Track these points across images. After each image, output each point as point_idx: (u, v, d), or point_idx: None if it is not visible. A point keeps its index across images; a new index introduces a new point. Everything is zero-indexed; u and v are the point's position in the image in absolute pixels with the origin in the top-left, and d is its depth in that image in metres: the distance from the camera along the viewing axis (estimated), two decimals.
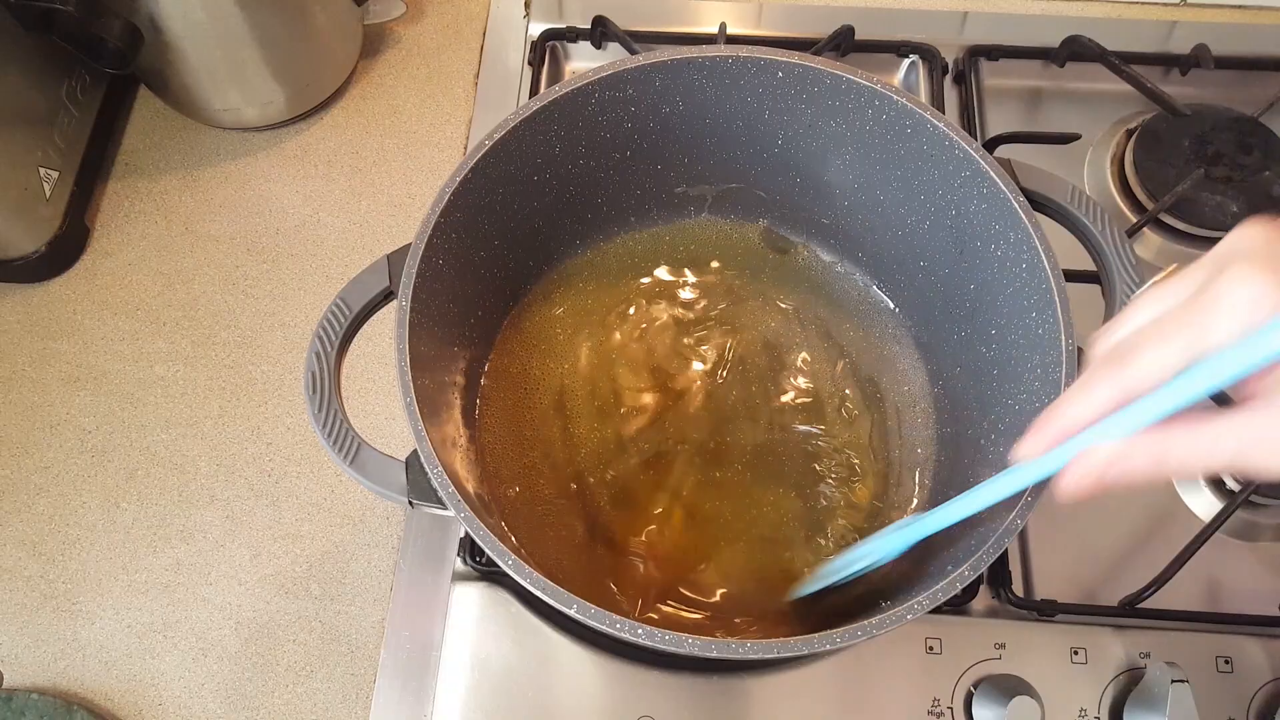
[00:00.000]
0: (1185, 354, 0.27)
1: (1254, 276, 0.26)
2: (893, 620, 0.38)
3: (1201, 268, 0.28)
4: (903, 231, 0.54)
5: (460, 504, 0.40)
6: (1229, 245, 0.28)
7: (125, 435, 0.61)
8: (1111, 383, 0.29)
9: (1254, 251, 0.27)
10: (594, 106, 0.50)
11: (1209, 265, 0.28)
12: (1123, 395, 0.29)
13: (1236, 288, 0.26)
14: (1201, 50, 0.69)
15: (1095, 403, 0.29)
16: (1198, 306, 0.27)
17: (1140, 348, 0.28)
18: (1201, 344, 0.27)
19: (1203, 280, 0.28)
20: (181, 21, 0.59)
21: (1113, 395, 0.29)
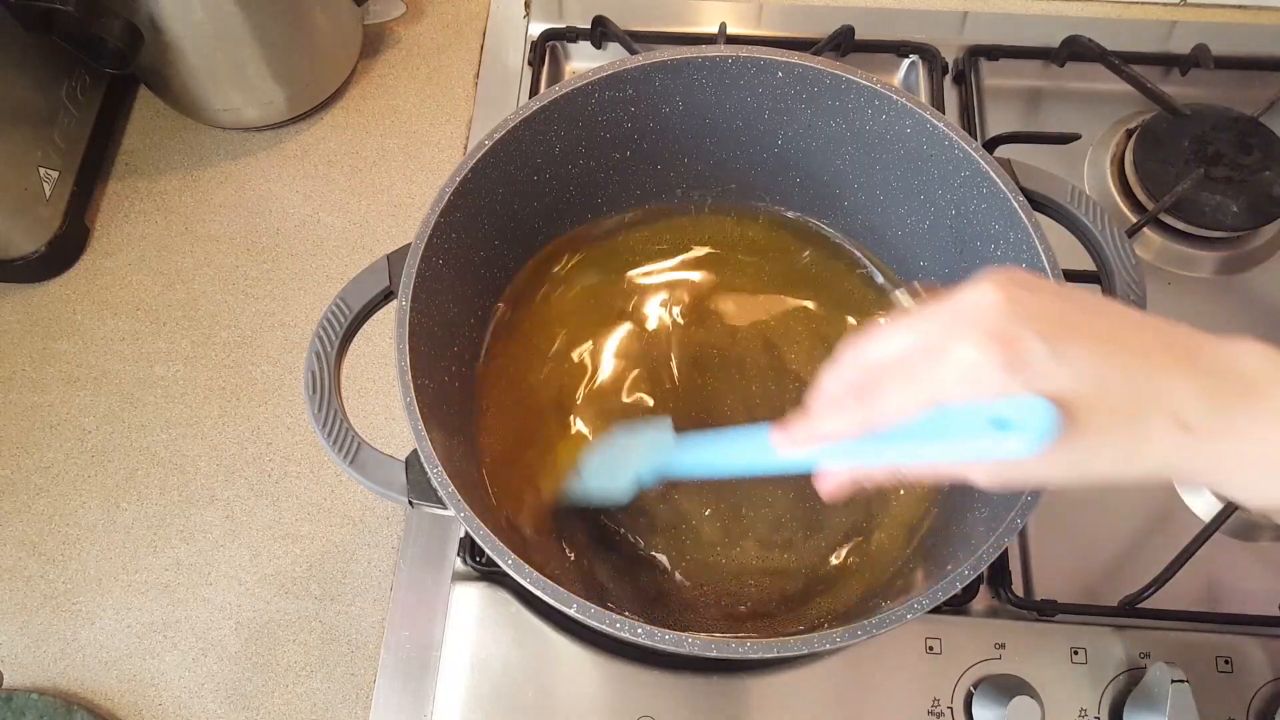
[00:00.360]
0: (919, 399, 0.32)
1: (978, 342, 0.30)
2: (893, 620, 0.38)
3: (937, 318, 0.32)
4: (903, 231, 0.54)
5: (460, 504, 0.40)
6: (962, 302, 0.31)
7: (125, 435, 0.61)
8: (857, 412, 0.34)
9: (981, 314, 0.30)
10: (594, 106, 0.50)
11: (944, 318, 0.31)
12: (866, 425, 0.33)
13: (963, 349, 0.30)
14: (1201, 50, 0.69)
15: (844, 426, 0.34)
16: (930, 359, 0.31)
17: (882, 389, 0.33)
18: (930, 398, 0.31)
19: (939, 329, 0.31)
20: (181, 21, 0.59)
21: (858, 423, 0.34)
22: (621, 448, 0.48)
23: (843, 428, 0.34)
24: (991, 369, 0.30)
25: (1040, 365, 0.29)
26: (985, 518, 0.45)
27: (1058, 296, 0.31)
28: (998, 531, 0.40)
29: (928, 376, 0.31)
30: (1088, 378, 0.30)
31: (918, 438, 0.33)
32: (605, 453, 0.49)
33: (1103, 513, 0.58)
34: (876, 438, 0.33)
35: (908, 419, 0.32)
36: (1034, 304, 0.30)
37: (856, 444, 0.34)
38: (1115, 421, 0.30)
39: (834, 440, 0.35)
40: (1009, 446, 0.30)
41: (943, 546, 0.48)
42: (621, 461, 0.47)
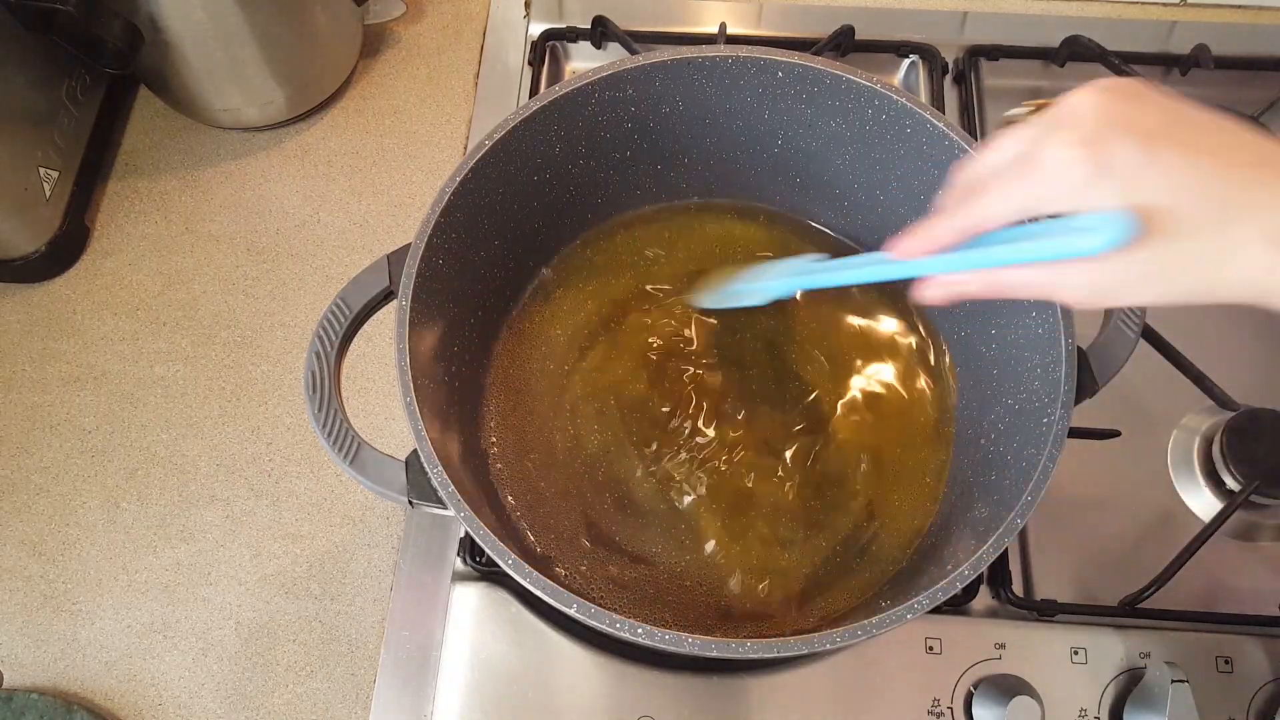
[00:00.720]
0: (1014, 203, 0.33)
1: (1069, 146, 0.31)
2: (893, 620, 0.38)
3: (1041, 123, 0.32)
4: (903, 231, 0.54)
5: (460, 504, 0.40)
6: (1066, 107, 0.32)
7: (125, 435, 0.61)
8: (960, 218, 0.35)
9: (1078, 120, 0.31)
10: (594, 106, 0.50)
11: (1045, 124, 0.32)
12: (968, 229, 0.35)
13: (1055, 153, 0.31)
14: (1201, 50, 0.69)
15: (953, 229, 0.36)
16: (1025, 165, 0.32)
17: (983, 194, 0.34)
18: (1028, 198, 0.32)
19: (1038, 135, 0.32)
20: (181, 21, 0.59)
21: (964, 226, 0.35)
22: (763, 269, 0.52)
23: (948, 233, 0.36)
24: (1080, 172, 0.30)
25: (1128, 167, 0.30)
26: (985, 518, 0.45)
27: (1158, 105, 0.31)
28: (998, 531, 0.40)
29: (1023, 180, 0.32)
30: (1177, 183, 0.29)
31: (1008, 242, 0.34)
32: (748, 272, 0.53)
33: (1103, 513, 0.58)
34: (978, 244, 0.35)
35: (1005, 221, 0.33)
36: (1131, 110, 0.31)
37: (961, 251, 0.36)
38: (1203, 230, 0.30)
39: (942, 244, 0.36)
40: (1085, 243, 0.31)
41: (943, 546, 0.48)
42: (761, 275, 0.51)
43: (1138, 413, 0.59)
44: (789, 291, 0.51)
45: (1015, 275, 0.35)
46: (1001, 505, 0.43)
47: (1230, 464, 0.56)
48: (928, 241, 0.37)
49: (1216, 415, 0.59)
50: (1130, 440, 0.57)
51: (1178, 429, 0.60)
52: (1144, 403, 0.60)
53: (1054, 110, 0.32)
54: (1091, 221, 0.31)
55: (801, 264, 0.50)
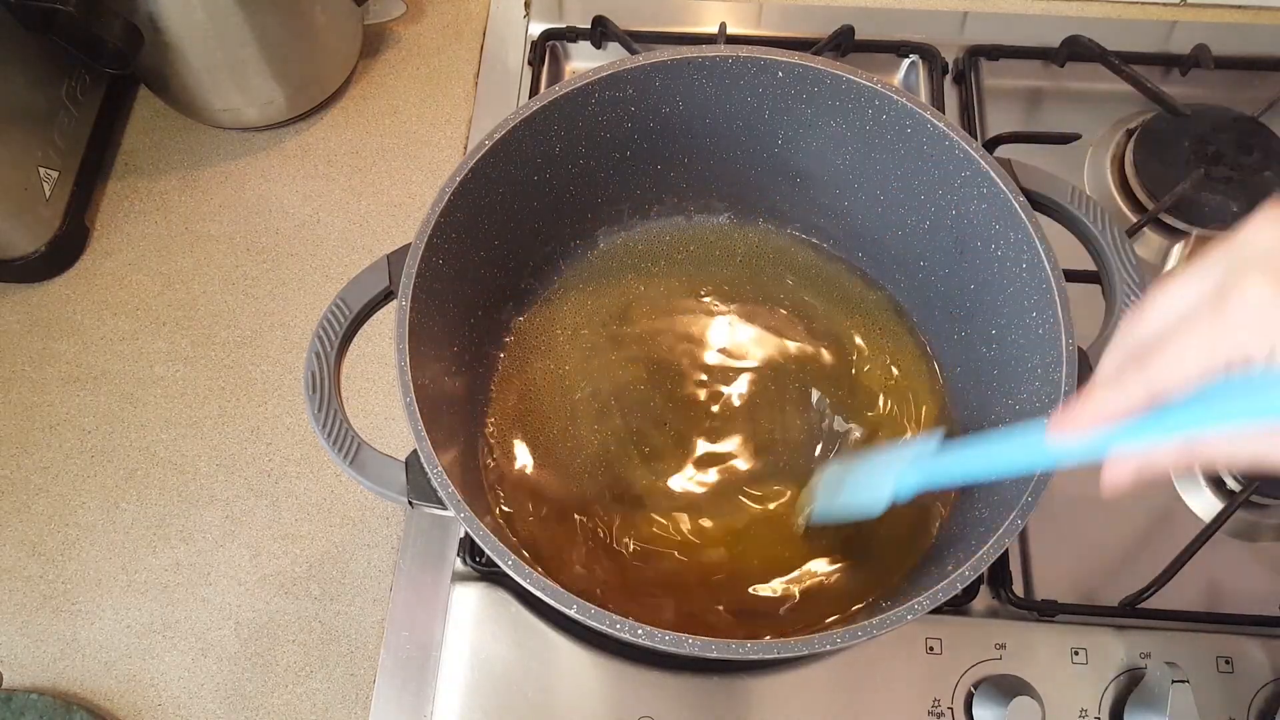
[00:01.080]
0: (1208, 361, 0.28)
1: (1267, 285, 0.26)
2: (893, 620, 0.38)
3: (1217, 264, 0.28)
4: (903, 231, 0.54)
5: (460, 504, 0.40)
6: (1243, 243, 0.28)
7: (125, 435, 0.61)
8: (1140, 382, 0.29)
9: (1268, 254, 0.27)
10: (594, 106, 0.50)
11: (1224, 264, 0.28)
12: (1150, 395, 0.29)
13: (1251, 294, 0.27)
14: (1201, 50, 0.69)
15: (1126, 400, 0.30)
16: (1213, 311, 0.27)
17: (1164, 350, 0.28)
18: (1223, 353, 0.27)
19: (1219, 281, 0.28)
20: (181, 21, 0.59)
21: (1142, 394, 0.29)
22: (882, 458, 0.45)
23: (1127, 403, 0.30)
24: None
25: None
26: (985, 518, 0.44)
27: None
28: (998, 532, 0.40)
29: (1216, 329, 0.27)
30: None
31: (1212, 407, 0.29)
32: (864, 464, 0.47)
33: (1103, 513, 0.58)
34: (1165, 413, 0.29)
35: (1199, 381, 0.28)
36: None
37: (1143, 423, 0.30)
38: None
39: (1118, 419, 0.30)
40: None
41: (943, 546, 0.48)
42: (881, 471, 0.44)
43: None
44: (911, 493, 0.43)
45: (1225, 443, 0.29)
46: (1001, 505, 0.43)
47: None
48: (1096, 416, 0.31)
49: None
50: None
51: None
52: None
53: (1232, 244, 0.28)
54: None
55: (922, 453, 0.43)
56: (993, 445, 0.39)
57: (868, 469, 0.46)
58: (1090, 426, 0.31)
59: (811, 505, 0.49)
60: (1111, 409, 0.30)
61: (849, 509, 0.46)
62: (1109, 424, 0.31)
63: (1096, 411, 0.31)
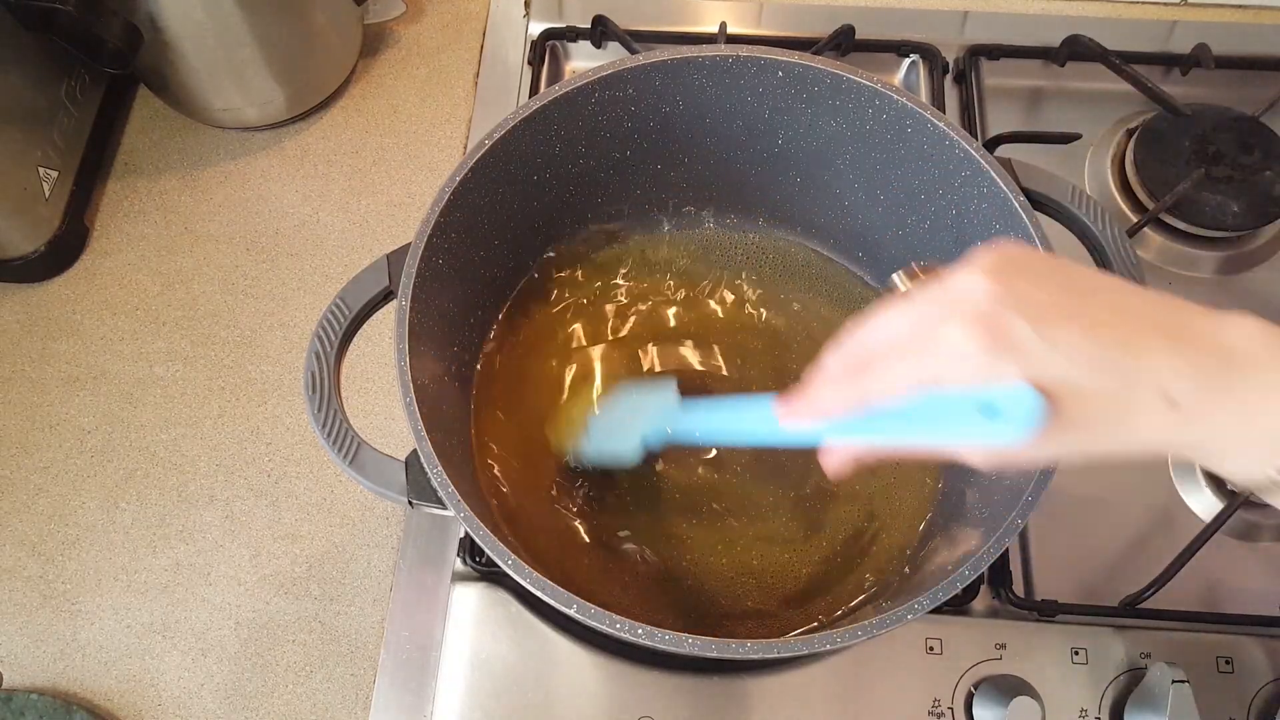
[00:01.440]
0: (910, 383, 0.33)
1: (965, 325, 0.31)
2: (893, 620, 0.38)
3: (930, 303, 0.32)
4: (903, 231, 0.54)
5: (460, 504, 0.40)
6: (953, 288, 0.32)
7: (125, 435, 0.61)
8: (855, 388, 0.35)
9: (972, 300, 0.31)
10: (594, 106, 0.50)
11: (936, 304, 0.32)
12: (861, 401, 0.35)
13: (951, 332, 0.31)
14: (1202, 50, 0.69)
15: (842, 402, 0.35)
16: (921, 342, 0.32)
17: (877, 367, 0.34)
18: (921, 379, 0.32)
19: (930, 313, 0.32)
20: (181, 21, 0.59)
21: (854, 399, 0.35)
22: (628, 409, 0.49)
23: (839, 404, 0.35)
24: (978, 352, 0.30)
25: (1026, 348, 0.30)
26: (985, 518, 0.44)
27: (1046, 277, 0.32)
28: (998, 532, 0.40)
29: (918, 358, 0.32)
30: (1075, 361, 0.30)
31: (912, 418, 0.34)
32: (611, 413, 0.50)
33: (1103, 513, 0.58)
34: (872, 416, 0.35)
35: (900, 398, 0.33)
36: (1022, 287, 0.31)
37: (854, 422, 0.35)
38: (1104, 403, 0.30)
39: (831, 416, 0.36)
40: (997, 433, 0.31)
41: (943, 547, 0.48)
42: (628, 422, 0.48)
43: None
44: (658, 444, 0.47)
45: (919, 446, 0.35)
46: (1001, 505, 0.43)
47: None
48: (815, 410, 0.36)
49: None
50: None
51: None
52: None
53: (944, 288, 0.32)
54: (999, 400, 0.31)
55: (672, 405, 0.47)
56: (731, 411, 0.44)
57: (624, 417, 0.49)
58: (809, 416, 0.37)
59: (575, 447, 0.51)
60: (828, 407, 0.36)
61: (606, 454, 0.49)
62: (825, 417, 0.36)
63: (816, 405, 0.36)
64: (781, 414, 0.38)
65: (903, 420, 0.34)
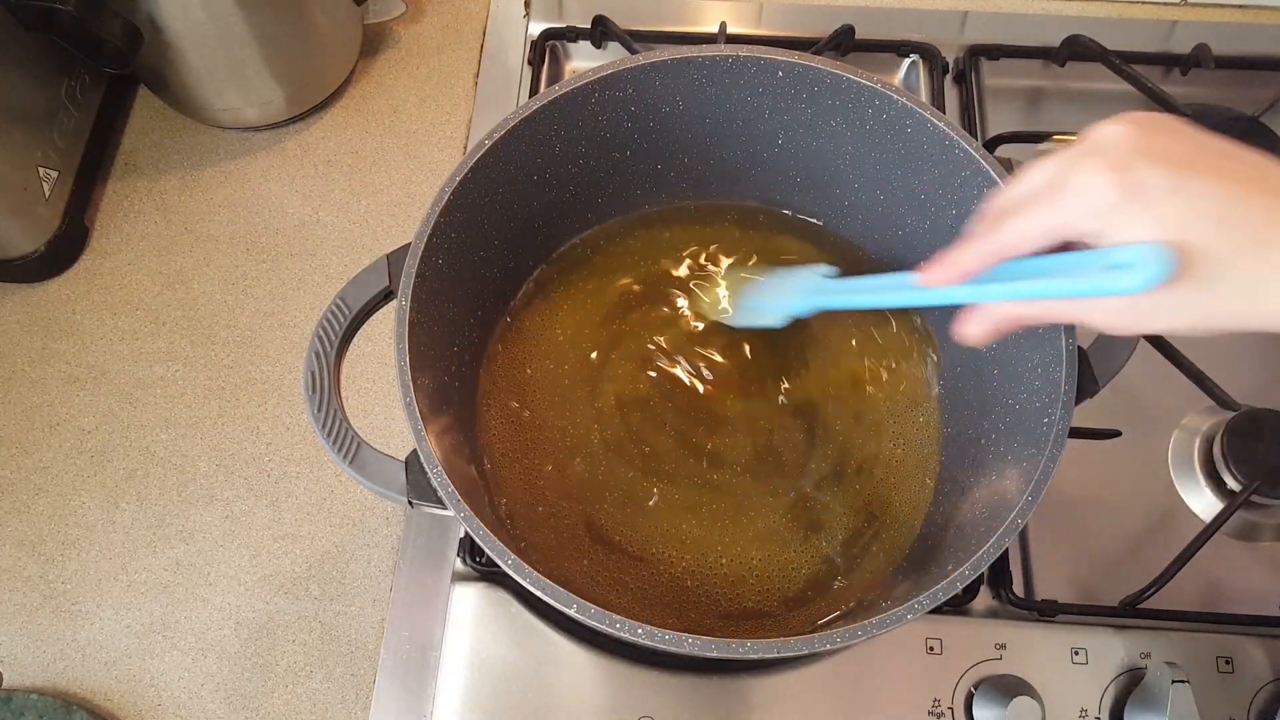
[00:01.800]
0: (1045, 229, 0.33)
1: (1098, 172, 0.31)
2: (893, 620, 0.38)
3: (1068, 154, 0.33)
4: (903, 231, 0.54)
5: (460, 504, 0.40)
6: (1096, 137, 0.32)
7: (125, 435, 0.61)
8: (989, 242, 0.35)
9: (1108, 148, 0.32)
10: (594, 106, 0.50)
11: (1075, 152, 0.33)
12: (998, 253, 0.35)
13: (1084, 178, 0.31)
14: (1202, 50, 0.69)
15: (980, 256, 0.36)
16: (1055, 190, 0.33)
17: (1012, 217, 0.34)
18: (1056, 222, 0.33)
19: (1066, 163, 0.33)
20: (181, 21, 0.59)
21: (992, 252, 0.35)
22: (778, 280, 0.53)
23: (977, 259, 0.36)
24: (1109, 196, 0.30)
25: (1157, 195, 0.30)
26: (985, 518, 0.44)
27: (1187, 137, 0.31)
28: (998, 532, 0.40)
29: (1052, 204, 0.33)
30: (1208, 211, 0.30)
31: (1046, 274, 0.34)
32: (763, 283, 0.54)
33: (1103, 513, 0.58)
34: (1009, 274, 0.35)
35: (1034, 247, 0.33)
36: (1160, 139, 0.31)
37: (992, 282, 0.36)
38: (1237, 259, 0.30)
39: (969, 270, 0.36)
40: (1125, 282, 0.31)
41: (943, 547, 0.48)
42: (778, 291, 0.52)
43: (1138, 413, 0.59)
44: (808, 312, 0.50)
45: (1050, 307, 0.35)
46: (1001, 505, 0.43)
47: (1231, 464, 0.55)
48: (955, 268, 0.37)
49: (1217, 415, 0.59)
50: (1131, 440, 0.57)
51: (1178, 429, 0.60)
52: (1144, 403, 0.60)
53: (1083, 140, 0.33)
54: (1128, 257, 0.31)
55: (820, 281, 0.50)
56: (876, 282, 0.46)
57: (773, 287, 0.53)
58: (951, 276, 0.37)
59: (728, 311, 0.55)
60: (967, 262, 0.36)
61: (756, 317, 0.53)
62: (965, 275, 0.36)
63: (955, 262, 0.36)
64: (924, 276, 0.38)
65: (1036, 278, 0.34)
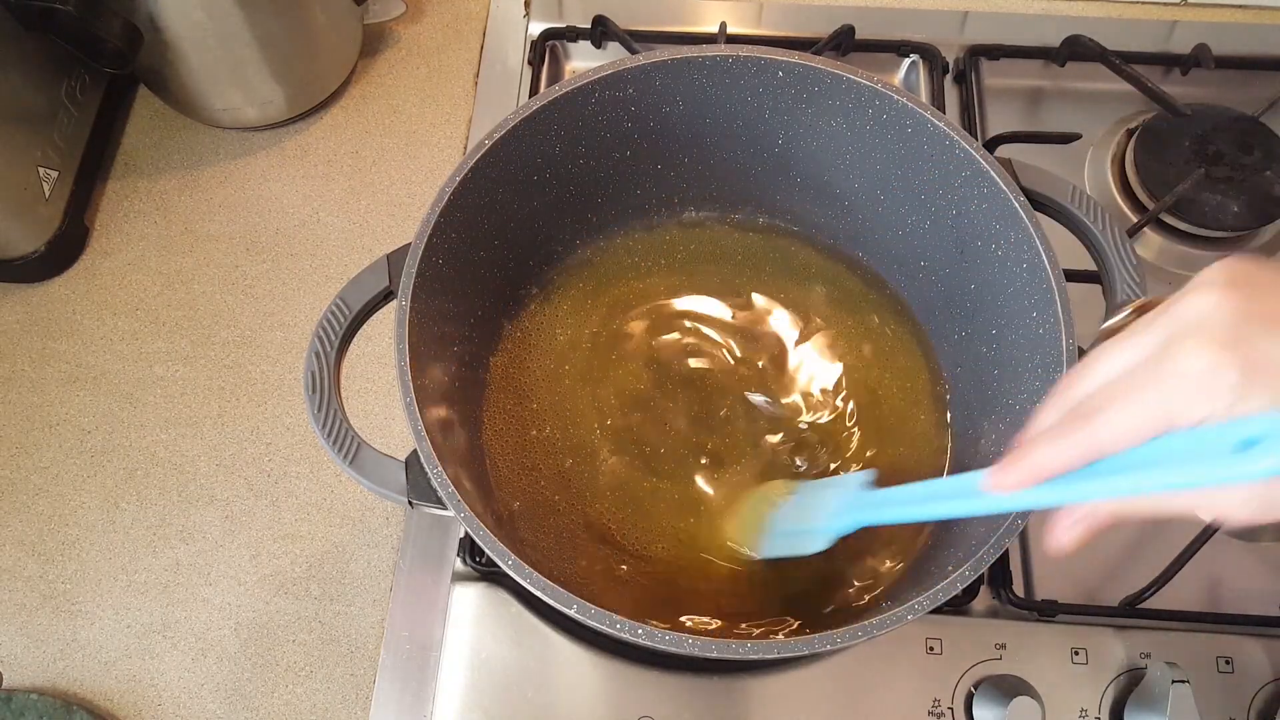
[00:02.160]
0: (1146, 421, 0.29)
1: (1210, 351, 0.27)
2: (893, 620, 0.38)
3: (1158, 330, 0.29)
4: (903, 231, 0.54)
5: (460, 504, 0.40)
6: (1184, 309, 0.28)
7: (125, 435, 0.61)
8: (1080, 439, 0.30)
9: (1210, 321, 0.28)
10: (594, 106, 0.50)
11: (1164, 329, 0.29)
12: (1089, 453, 0.30)
13: (1192, 361, 0.27)
14: (1202, 50, 0.69)
15: (1065, 456, 0.31)
16: (1156, 375, 0.28)
17: (1106, 408, 0.29)
18: (1165, 413, 0.28)
19: (1159, 345, 0.28)
20: (181, 21, 0.59)
21: (1081, 452, 0.30)
22: (814, 500, 0.47)
23: (1061, 460, 0.31)
24: (1225, 378, 0.27)
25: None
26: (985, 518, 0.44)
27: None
28: (998, 532, 0.40)
29: (1155, 392, 0.28)
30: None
31: (1148, 466, 0.29)
32: (798, 505, 0.48)
33: None
34: (1101, 470, 0.30)
35: (1135, 442, 0.29)
36: (1267, 300, 0.27)
37: (1079, 479, 0.31)
38: None
39: (1054, 473, 0.31)
40: (1262, 465, 0.26)
41: (943, 546, 0.48)
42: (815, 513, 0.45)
43: None
44: (851, 529, 0.44)
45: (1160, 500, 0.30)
46: None
47: None
48: (1034, 470, 0.31)
49: None
50: None
51: None
52: None
53: (1171, 311, 0.28)
54: (1259, 430, 0.26)
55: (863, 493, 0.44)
56: (932, 488, 0.40)
57: (808, 507, 0.47)
58: (1030, 479, 0.32)
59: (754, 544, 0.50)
60: (1051, 462, 0.31)
61: (790, 548, 0.47)
62: (1047, 477, 0.31)
63: (1036, 463, 0.31)
64: (994, 481, 0.33)
65: (1137, 469, 0.29)
